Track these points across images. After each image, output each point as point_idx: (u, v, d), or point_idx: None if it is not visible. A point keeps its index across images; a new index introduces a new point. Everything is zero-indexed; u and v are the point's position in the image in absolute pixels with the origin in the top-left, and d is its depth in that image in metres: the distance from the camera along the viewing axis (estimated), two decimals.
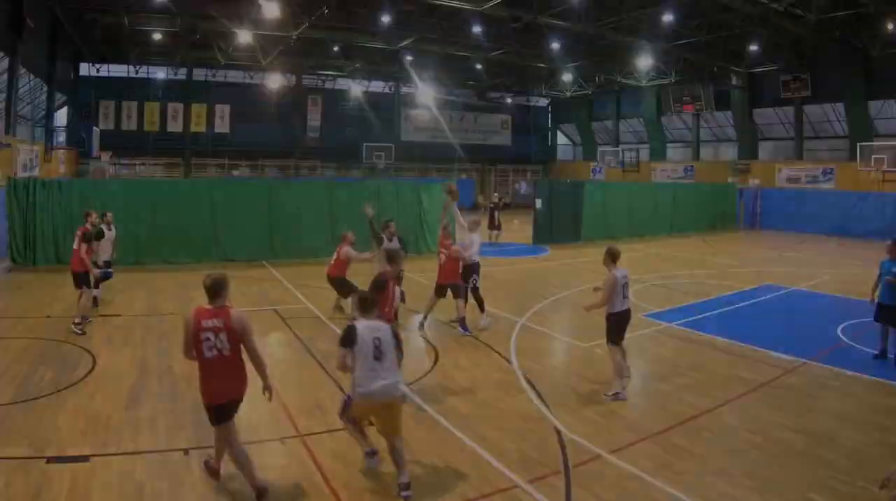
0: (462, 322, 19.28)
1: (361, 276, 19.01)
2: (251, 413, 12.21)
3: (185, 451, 10.98)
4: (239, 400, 9.71)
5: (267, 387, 9.68)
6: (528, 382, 14.81)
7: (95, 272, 19.45)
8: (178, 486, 9.81)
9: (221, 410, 9.58)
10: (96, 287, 20.45)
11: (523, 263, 33.65)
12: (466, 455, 11.10)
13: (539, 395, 14.01)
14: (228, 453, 9.78)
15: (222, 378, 9.47)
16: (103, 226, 22.16)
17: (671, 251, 39.47)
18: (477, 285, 20.42)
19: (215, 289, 9.57)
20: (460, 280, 19.39)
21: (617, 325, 14.23)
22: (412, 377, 14.81)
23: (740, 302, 24.45)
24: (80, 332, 17.87)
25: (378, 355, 9.92)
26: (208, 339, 9.25)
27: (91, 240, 19.00)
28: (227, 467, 10.07)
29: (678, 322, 20.88)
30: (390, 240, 20.68)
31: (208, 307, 9.44)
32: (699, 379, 15.34)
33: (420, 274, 26.67)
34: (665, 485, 10.02)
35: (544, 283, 27.61)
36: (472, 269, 20.31)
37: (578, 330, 19.82)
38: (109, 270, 22.29)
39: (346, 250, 18.93)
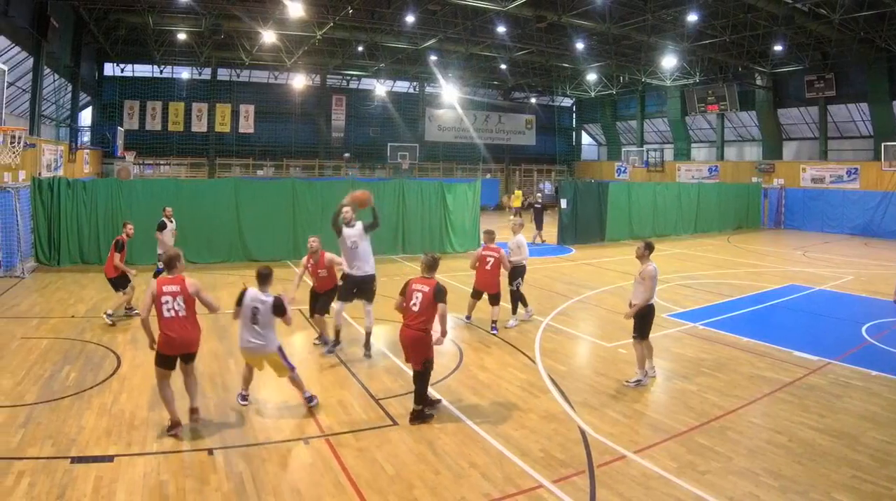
0: (493, 324, 19.45)
1: None
2: (275, 413, 12.49)
3: (210, 451, 11.03)
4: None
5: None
6: (553, 382, 14.83)
7: (131, 273, 19.77)
8: (203, 486, 9.85)
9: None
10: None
11: (548, 263, 33.52)
12: (491, 455, 11.11)
13: (563, 395, 14.02)
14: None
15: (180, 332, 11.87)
16: (164, 219, 23.42)
17: (696, 251, 39.40)
18: (520, 287, 20.87)
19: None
20: (499, 288, 19.44)
21: (651, 318, 14.44)
22: (437, 376, 14.73)
23: (765, 302, 24.40)
24: (110, 322, 18.51)
25: (254, 320, 12.50)
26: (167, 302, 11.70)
27: (121, 248, 19.29)
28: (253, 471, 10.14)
29: (702, 322, 20.85)
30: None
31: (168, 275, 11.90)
32: (723, 378, 15.31)
33: (445, 274, 26.68)
34: (689, 485, 10.05)
35: (569, 283, 27.56)
36: (519, 271, 20.72)
37: (603, 330, 19.94)
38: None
39: (331, 257, 18.61)
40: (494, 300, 19.41)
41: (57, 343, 17.19)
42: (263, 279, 12.70)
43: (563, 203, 41.20)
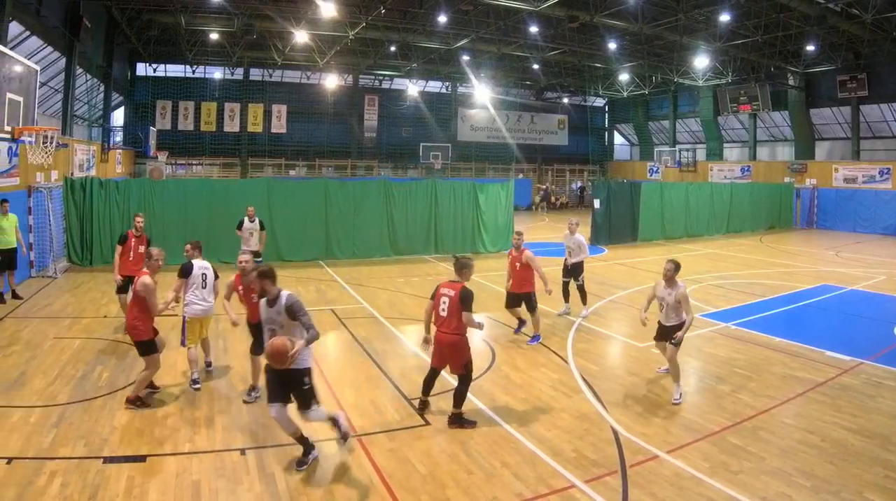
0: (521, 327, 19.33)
1: None
2: None
3: (242, 451, 11.12)
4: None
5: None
6: (585, 382, 14.86)
7: (116, 277, 19.32)
8: (235, 486, 9.95)
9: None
10: None
11: None
12: (523, 455, 11.15)
13: (596, 395, 14.07)
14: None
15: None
16: (245, 218, 24.01)
17: (728, 251, 39.23)
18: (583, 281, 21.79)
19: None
20: (534, 288, 19.00)
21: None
22: None
23: (797, 303, 24.34)
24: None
25: (204, 285, 14.46)
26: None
27: (123, 241, 19.16)
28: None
29: (735, 322, 20.82)
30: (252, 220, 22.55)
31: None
32: (756, 378, 15.31)
33: (478, 274, 26.70)
34: (721, 485, 10.06)
35: (601, 283, 27.49)
36: (580, 267, 21.51)
37: (635, 330, 19.69)
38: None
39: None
40: (528, 303, 18.90)
41: (89, 343, 17.33)
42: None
43: (597, 203, 41.13)
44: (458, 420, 12.30)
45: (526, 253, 18.34)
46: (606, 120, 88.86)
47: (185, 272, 14.54)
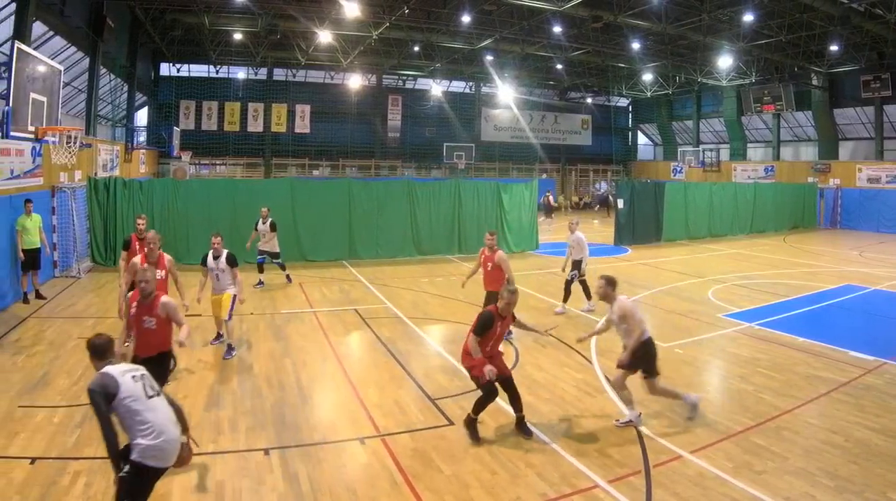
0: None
1: None
2: (331, 412, 12.62)
3: (266, 451, 11.15)
4: None
5: None
6: (609, 382, 14.72)
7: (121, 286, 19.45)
8: (259, 485, 9.99)
9: None
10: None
11: (604, 263, 33.11)
12: (546, 455, 11.17)
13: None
14: None
15: None
16: (259, 220, 24.39)
17: (752, 251, 39.12)
18: (583, 278, 22.29)
19: None
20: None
21: (653, 351, 13.18)
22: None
23: (821, 303, 24.26)
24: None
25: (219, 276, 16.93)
26: None
27: (126, 246, 19.21)
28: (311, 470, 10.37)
29: (758, 322, 20.78)
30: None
31: None
32: (779, 378, 15.28)
33: None
34: (745, 485, 10.05)
35: (624, 283, 26.94)
36: (576, 265, 22.19)
37: (659, 330, 19.40)
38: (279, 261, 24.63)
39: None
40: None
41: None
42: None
43: (620, 203, 41.15)
44: (468, 424, 12.16)
45: (499, 254, 18.44)
46: (630, 120, 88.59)
47: (233, 262, 17.39)
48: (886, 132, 57.35)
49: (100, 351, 8.93)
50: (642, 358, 12.90)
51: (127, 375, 8.52)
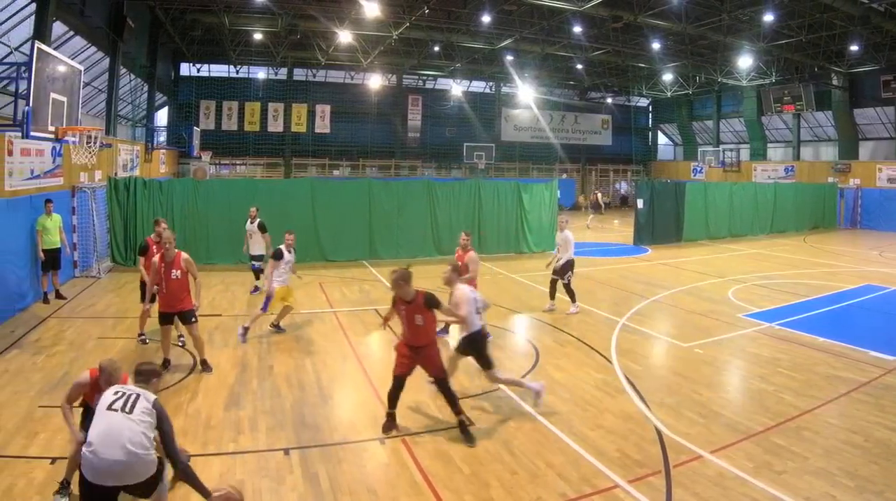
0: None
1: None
2: (352, 413, 12.65)
3: (286, 451, 11.18)
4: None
5: None
6: (629, 382, 14.85)
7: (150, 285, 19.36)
8: (279, 485, 10.01)
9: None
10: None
11: (624, 263, 33.51)
12: (566, 455, 11.18)
13: (639, 395, 14.05)
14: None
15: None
16: (248, 220, 23.95)
17: (772, 251, 39.05)
18: (570, 280, 21.59)
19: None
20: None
21: (483, 343, 13.20)
22: (513, 377, 14.76)
23: (841, 303, 24.20)
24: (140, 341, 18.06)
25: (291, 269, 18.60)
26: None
27: (143, 251, 19.19)
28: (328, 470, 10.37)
29: (778, 322, 20.74)
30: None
31: None
32: (799, 378, 15.26)
33: (522, 274, 27.63)
34: (765, 485, 10.04)
35: (645, 283, 27.49)
36: (570, 265, 21.46)
37: (679, 330, 19.94)
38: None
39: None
40: None
41: (133, 343, 17.50)
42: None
43: (640, 203, 41.17)
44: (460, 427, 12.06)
45: (470, 254, 18.51)
46: (650, 120, 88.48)
47: (278, 256, 18.67)
48: None
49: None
50: (469, 346, 13.00)
51: (112, 392, 8.52)
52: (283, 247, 19.16)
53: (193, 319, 15.19)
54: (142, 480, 8.02)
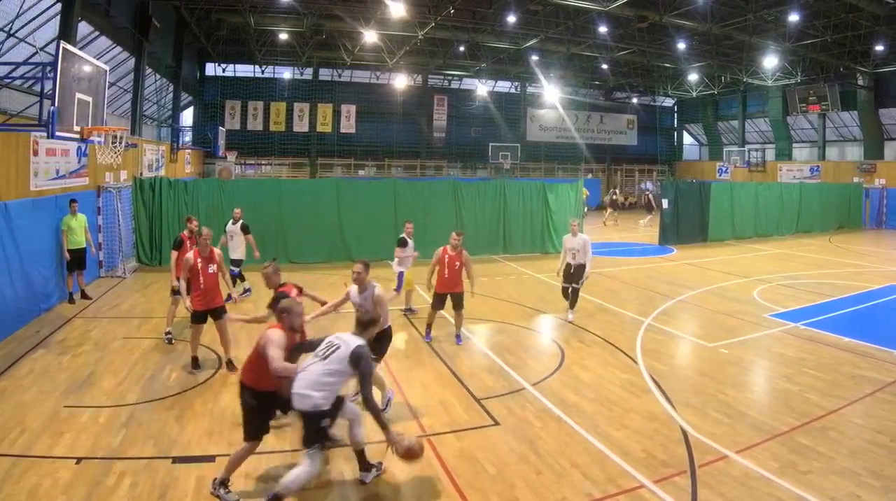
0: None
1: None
2: None
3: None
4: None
5: None
6: (654, 382, 14.88)
7: (173, 282, 18.99)
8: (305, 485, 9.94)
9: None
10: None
11: (649, 263, 33.48)
12: (592, 455, 11.20)
13: (665, 395, 14.07)
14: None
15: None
16: (230, 221, 23.39)
17: (797, 251, 38.95)
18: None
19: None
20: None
21: (386, 342, 13.72)
22: (538, 376, 15.06)
23: (866, 302, 24.14)
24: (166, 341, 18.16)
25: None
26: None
27: (178, 246, 19.29)
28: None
29: (804, 322, 20.71)
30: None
31: None
32: (824, 378, 15.25)
33: (547, 274, 27.51)
34: (790, 485, 10.05)
35: (670, 283, 27.49)
36: (583, 271, 20.92)
37: (704, 330, 19.94)
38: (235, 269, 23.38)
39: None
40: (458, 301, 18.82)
41: (158, 343, 17.55)
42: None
43: (665, 203, 41.13)
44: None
45: (465, 255, 18.60)
46: (675, 120, 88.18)
47: (403, 243, 21.00)
48: None
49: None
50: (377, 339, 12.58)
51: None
52: (404, 235, 21.75)
53: (225, 314, 15.29)
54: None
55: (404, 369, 15.54)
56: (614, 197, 60.25)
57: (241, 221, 23.70)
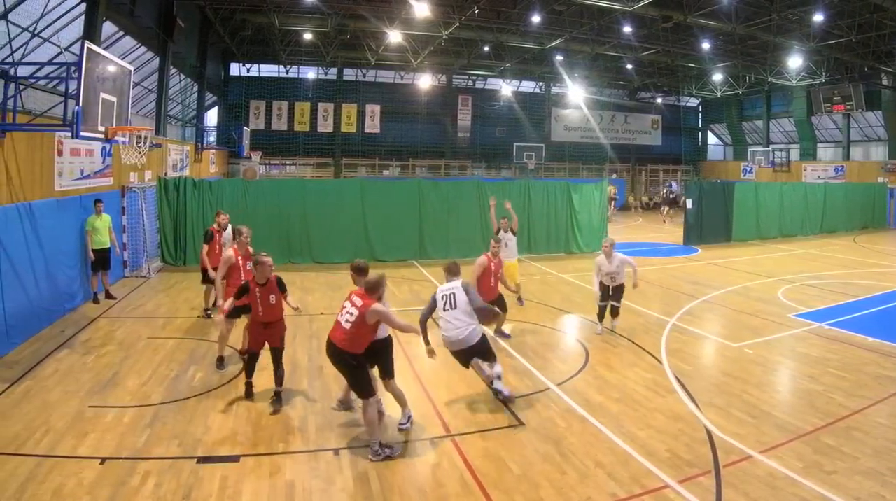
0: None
1: None
2: (401, 413, 12.48)
3: (336, 451, 11.25)
4: None
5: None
6: (679, 382, 14.89)
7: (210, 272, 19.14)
8: (329, 485, 10.09)
9: None
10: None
11: (674, 263, 33.48)
12: (616, 455, 11.21)
13: (689, 395, 14.06)
14: None
15: None
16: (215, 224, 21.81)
17: (822, 251, 38.83)
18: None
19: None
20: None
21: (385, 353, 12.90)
22: (563, 377, 15.07)
23: (891, 302, 24.04)
24: (207, 316, 18.97)
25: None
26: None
27: (209, 239, 19.87)
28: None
29: (828, 322, 20.66)
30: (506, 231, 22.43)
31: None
32: (849, 378, 15.22)
33: (571, 274, 27.77)
34: (815, 485, 10.04)
35: (694, 283, 27.49)
36: (622, 290, 20.05)
37: (729, 330, 19.95)
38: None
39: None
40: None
41: (183, 343, 17.62)
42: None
43: (689, 203, 41.07)
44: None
45: (499, 258, 18.30)
46: (700, 120, 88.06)
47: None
48: None
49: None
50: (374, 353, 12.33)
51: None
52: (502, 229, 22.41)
53: None
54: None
55: (429, 370, 15.57)
56: (671, 195, 60.29)
57: (229, 227, 21.77)
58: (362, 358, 11.31)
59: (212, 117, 61.83)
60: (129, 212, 26.91)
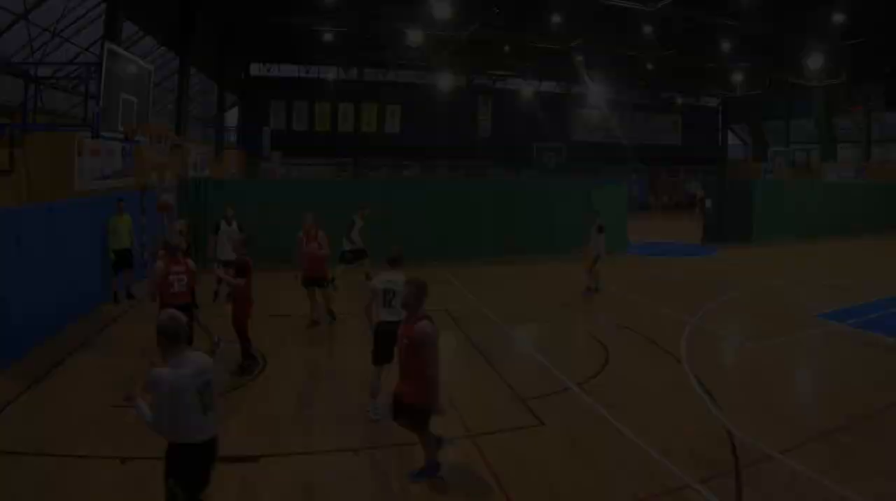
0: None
1: None
2: None
3: (355, 451, 11.26)
4: None
5: None
6: (699, 382, 14.80)
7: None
8: (349, 486, 10.09)
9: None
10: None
11: (693, 263, 33.61)
12: (636, 455, 11.18)
13: (710, 395, 13.97)
14: None
15: None
16: (223, 221, 22.74)
17: (843, 251, 38.72)
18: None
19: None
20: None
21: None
22: (582, 376, 15.01)
23: None
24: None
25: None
26: None
27: (215, 230, 20.06)
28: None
29: (849, 322, 20.56)
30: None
31: None
32: (870, 378, 15.17)
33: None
34: (835, 485, 9.96)
35: (714, 283, 27.36)
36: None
37: (749, 330, 20.03)
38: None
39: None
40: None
41: (202, 343, 17.14)
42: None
43: (709, 203, 41.14)
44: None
45: None
46: (720, 120, 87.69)
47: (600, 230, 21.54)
48: None
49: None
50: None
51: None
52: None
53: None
54: None
55: (449, 370, 15.37)
56: (695, 197, 60.46)
57: (235, 222, 23.14)
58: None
59: (232, 117, 62.00)
60: (148, 212, 26.53)
